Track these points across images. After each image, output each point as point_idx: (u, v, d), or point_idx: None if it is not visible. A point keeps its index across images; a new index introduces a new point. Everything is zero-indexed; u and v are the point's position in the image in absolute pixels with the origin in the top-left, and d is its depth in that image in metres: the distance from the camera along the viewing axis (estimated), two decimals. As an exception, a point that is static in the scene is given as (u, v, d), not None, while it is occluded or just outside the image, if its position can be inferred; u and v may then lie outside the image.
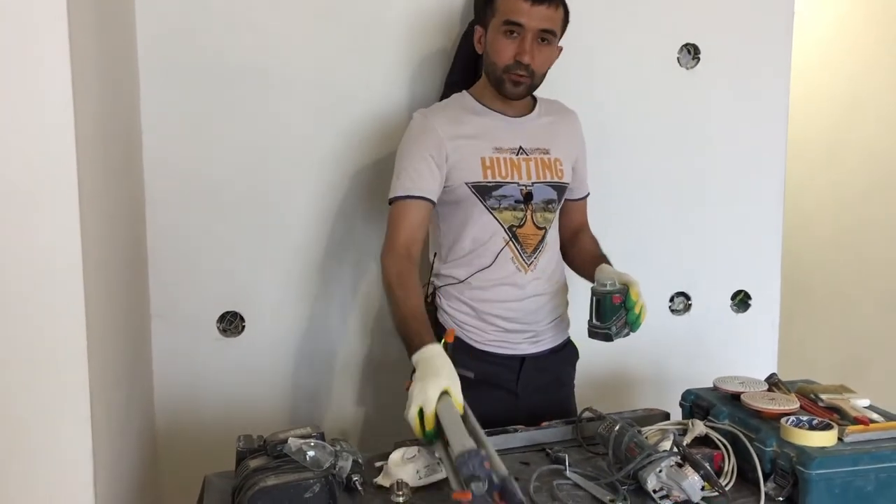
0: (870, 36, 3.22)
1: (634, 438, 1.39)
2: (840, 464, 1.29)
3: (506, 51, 1.69)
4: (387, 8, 2.03)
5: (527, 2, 1.65)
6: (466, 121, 1.76)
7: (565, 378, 1.92)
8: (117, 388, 1.53)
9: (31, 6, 1.12)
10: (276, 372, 2.07)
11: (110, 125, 1.53)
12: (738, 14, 2.27)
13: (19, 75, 1.12)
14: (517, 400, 1.80)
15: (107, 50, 1.51)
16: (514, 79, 1.70)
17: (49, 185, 1.16)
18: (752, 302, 2.39)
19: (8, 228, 1.15)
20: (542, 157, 1.78)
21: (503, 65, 1.70)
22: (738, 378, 1.60)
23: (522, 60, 1.68)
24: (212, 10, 1.91)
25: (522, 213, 1.75)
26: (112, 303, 1.49)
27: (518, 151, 1.76)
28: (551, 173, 1.78)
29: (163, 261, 1.95)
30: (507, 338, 1.80)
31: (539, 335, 1.83)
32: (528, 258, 1.77)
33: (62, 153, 1.15)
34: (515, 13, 1.66)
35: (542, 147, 1.79)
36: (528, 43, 1.67)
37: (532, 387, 1.82)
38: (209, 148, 1.96)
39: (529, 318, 1.80)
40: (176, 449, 2.00)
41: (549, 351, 1.85)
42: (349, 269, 2.10)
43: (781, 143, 2.35)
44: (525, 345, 1.81)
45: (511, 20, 1.67)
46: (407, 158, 1.72)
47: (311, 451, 1.28)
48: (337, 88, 2.02)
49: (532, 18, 1.66)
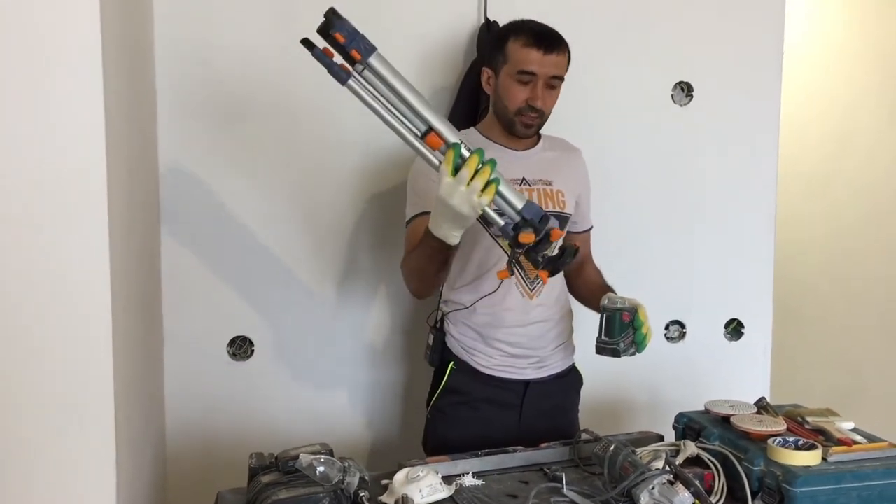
0: (861, 69, 3.33)
1: (628, 458, 1.46)
2: (824, 482, 1.36)
3: (518, 96, 1.79)
4: (393, 45, 2.12)
5: (539, 51, 1.76)
6: None
7: (569, 404, 1.98)
8: (137, 409, 1.60)
9: (67, 50, 1.21)
10: (285, 395, 2.14)
11: (134, 160, 1.62)
12: (730, 54, 2.38)
13: (57, 113, 1.21)
14: (520, 423, 1.87)
15: (131, 85, 1.60)
16: (525, 122, 1.81)
17: (82, 219, 1.24)
18: (745, 330, 2.46)
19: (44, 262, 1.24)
20: (544, 187, 1.87)
21: (515, 108, 1.80)
22: (729, 402, 1.67)
23: (535, 105, 1.79)
24: (225, 50, 2.01)
25: None
26: (133, 328, 1.56)
27: (521, 182, 1.84)
28: (553, 203, 1.87)
29: (176, 287, 2.03)
30: (512, 363, 1.86)
31: (544, 361, 1.89)
32: (531, 284, 1.85)
33: (94, 190, 1.23)
34: (528, 63, 1.77)
35: (544, 179, 1.88)
36: (539, 89, 1.78)
37: (535, 411, 1.88)
38: (221, 179, 2.05)
39: (534, 344, 1.87)
40: (186, 468, 2.06)
41: (553, 377, 1.91)
42: (355, 296, 2.18)
43: (772, 175, 2.44)
44: (530, 370, 1.88)
45: (525, 70, 1.77)
46: (419, 182, 1.82)
47: (321, 467, 1.34)
48: (345, 122, 2.11)
49: (543, 66, 1.77)
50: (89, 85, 1.22)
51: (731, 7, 2.37)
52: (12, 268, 1.22)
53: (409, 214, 1.83)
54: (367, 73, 1.43)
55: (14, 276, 1.22)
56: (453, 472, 1.56)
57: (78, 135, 1.22)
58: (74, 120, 1.22)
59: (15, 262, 1.22)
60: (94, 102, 1.22)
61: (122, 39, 1.48)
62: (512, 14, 2.08)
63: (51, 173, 1.23)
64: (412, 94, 1.44)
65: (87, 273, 1.24)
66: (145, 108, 1.84)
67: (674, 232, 2.38)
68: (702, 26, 2.35)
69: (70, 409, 1.28)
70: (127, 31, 1.56)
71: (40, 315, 1.24)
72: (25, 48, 1.19)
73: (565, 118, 2.15)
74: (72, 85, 1.22)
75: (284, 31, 2.04)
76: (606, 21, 2.28)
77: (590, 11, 2.26)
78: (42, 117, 1.21)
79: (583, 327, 2.00)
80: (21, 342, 1.24)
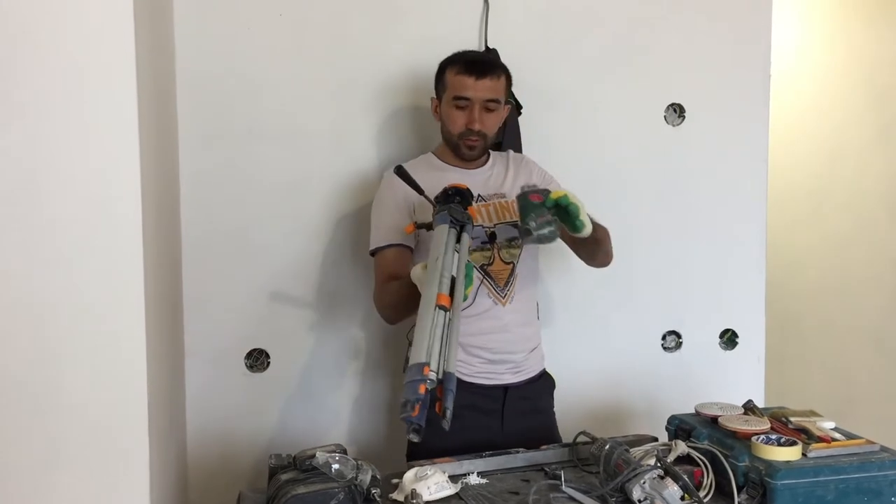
0: (848, 87, 3.43)
1: (622, 455, 1.56)
2: (803, 475, 1.46)
3: (458, 121, 1.96)
4: (397, 71, 2.26)
5: (471, 77, 1.92)
6: (430, 176, 1.96)
7: (543, 405, 2.10)
8: (164, 418, 1.71)
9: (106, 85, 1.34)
10: (299, 404, 2.25)
11: (162, 185, 1.74)
12: (720, 75, 2.50)
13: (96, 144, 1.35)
14: (502, 427, 1.98)
15: (159, 115, 1.73)
16: (468, 144, 1.97)
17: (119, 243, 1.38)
18: (740, 339, 2.56)
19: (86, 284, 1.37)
20: (499, 200, 2.01)
21: (457, 132, 1.97)
22: (718, 404, 1.77)
23: (473, 128, 1.94)
24: (240, 78, 2.15)
25: (490, 252, 1.96)
26: (160, 343, 1.68)
27: (477, 199, 1.98)
28: (510, 214, 2.00)
29: (196, 304, 2.15)
30: (491, 369, 1.97)
31: (520, 365, 2.01)
32: (501, 291, 1.97)
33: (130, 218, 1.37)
34: (462, 89, 1.93)
35: (498, 193, 2.02)
36: (475, 113, 1.94)
37: (515, 414, 1.99)
38: (238, 202, 2.18)
39: (511, 348, 1.98)
40: (206, 472, 2.17)
41: (528, 381, 2.03)
42: (363, 310, 2.28)
43: (762, 192, 2.55)
44: (508, 375, 2.00)
45: (459, 95, 1.93)
46: (379, 213, 1.99)
47: (336, 465, 1.45)
48: (354, 146, 2.25)
49: (477, 91, 1.93)
50: (126, 117, 1.36)
51: (720, 31, 2.49)
52: (61, 293, 1.36)
53: (372, 245, 1.98)
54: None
55: (60, 301, 1.36)
56: (459, 471, 1.67)
57: (114, 162, 1.36)
58: (111, 148, 1.35)
59: (61, 289, 1.35)
60: (130, 136, 1.36)
61: (152, 73, 1.61)
62: (511, 41, 2.22)
63: (88, 203, 1.35)
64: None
65: (124, 294, 1.37)
66: (169, 135, 1.97)
67: (668, 247, 2.49)
68: (692, 49, 2.47)
69: (108, 417, 1.40)
70: (156, 65, 1.69)
71: (80, 332, 1.37)
72: (68, 87, 1.33)
73: (562, 137, 2.29)
74: (109, 116, 1.35)
75: (296, 60, 2.18)
76: (601, 46, 2.40)
77: (585, 37, 2.38)
78: (82, 150, 1.34)
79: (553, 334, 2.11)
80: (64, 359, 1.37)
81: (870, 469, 1.49)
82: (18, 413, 1.35)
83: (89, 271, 1.36)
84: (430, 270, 1.48)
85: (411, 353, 1.31)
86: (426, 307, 1.38)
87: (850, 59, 3.40)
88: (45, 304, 1.35)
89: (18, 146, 1.31)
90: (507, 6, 2.31)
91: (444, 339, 1.35)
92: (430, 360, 1.27)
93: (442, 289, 1.42)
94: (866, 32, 3.32)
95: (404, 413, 1.20)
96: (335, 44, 2.21)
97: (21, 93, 1.31)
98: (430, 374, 1.25)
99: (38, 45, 1.31)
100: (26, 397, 1.36)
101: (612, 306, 2.46)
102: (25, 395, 1.35)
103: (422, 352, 1.29)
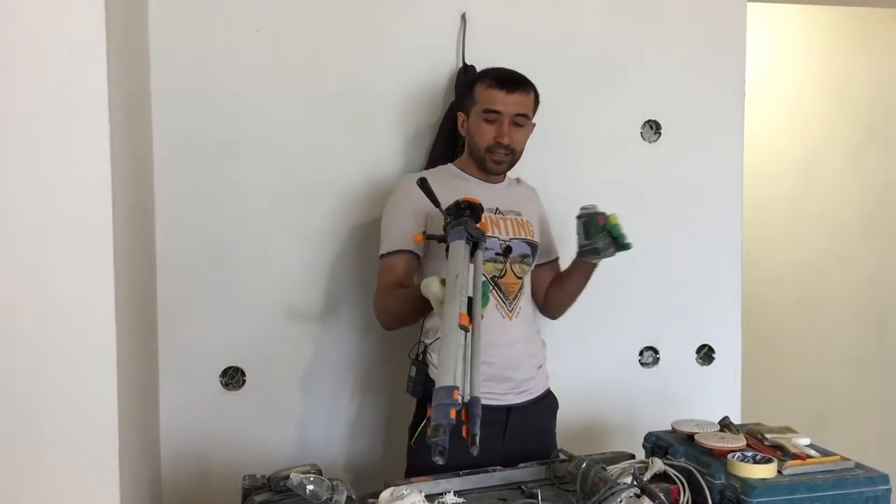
0: (823, 104, 3.48)
1: (599, 474, 1.56)
2: (778, 493, 1.47)
3: (487, 134, 1.95)
4: (379, 88, 2.26)
5: (502, 91, 1.93)
6: (449, 184, 1.97)
7: (547, 427, 2.08)
8: (136, 436, 1.68)
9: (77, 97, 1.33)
10: (275, 423, 2.23)
11: (134, 200, 1.73)
12: (694, 93, 2.52)
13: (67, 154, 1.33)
14: (504, 448, 1.94)
15: (132, 131, 1.72)
16: (496, 159, 1.97)
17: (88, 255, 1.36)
18: (716, 355, 2.57)
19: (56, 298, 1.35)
20: (516, 217, 2.02)
21: (485, 146, 1.96)
22: (694, 420, 1.78)
23: (502, 142, 1.94)
24: (218, 91, 2.14)
25: (503, 265, 1.95)
26: (133, 360, 1.66)
27: (496, 211, 1.99)
28: (525, 232, 2.01)
29: (171, 318, 2.13)
30: (493, 388, 1.93)
31: (523, 385, 1.98)
32: (509, 305, 1.96)
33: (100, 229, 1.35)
34: (493, 102, 1.93)
35: (514, 210, 2.03)
36: (505, 126, 1.94)
37: (518, 435, 1.97)
38: (213, 217, 2.16)
39: (514, 364, 1.96)
40: (181, 492, 2.14)
41: (532, 401, 2.01)
42: (342, 327, 2.27)
43: (738, 208, 2.57)
44: (511, 395, 1.97)
45: (490, 108, 1.93)
46: (393, 217, 1.96)
47: (311, 486, 1.43)
48: (330, 160, 2.24)
49: (507, 105, 1.93)
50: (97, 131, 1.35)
51: (695, 49, 2.51)
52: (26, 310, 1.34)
53: (382, 251, 1.96)
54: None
55: (27, 319, 1.34)
56: (436, 490, 1.65)
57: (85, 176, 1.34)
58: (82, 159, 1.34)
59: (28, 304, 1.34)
60: (101, 148, 1.34)
61: (125, 85, 1.60)
62: (487, 58, 2.22)
63: (56, 217, 1.34)
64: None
65: (93, 311, 1.36)
66: (143, 149, 1.95)
67: (645, 263, 2.49)
68: (668, 67, 2.49)
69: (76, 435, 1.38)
70: (129, 77, 1.68)
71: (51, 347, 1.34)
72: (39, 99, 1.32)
73: (540, 153, 2.29)
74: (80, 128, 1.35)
75: (275, 75, 2.17)
76: (577, 62, 2.42)
77: (561, 54, 2.40)
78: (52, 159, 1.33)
79: (555, 352, 2.13)
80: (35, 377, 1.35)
81: (845, 486, 1.50)
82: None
83: (57, 285, 1.35)
84: (448, 288, 1.46)
85: (438, 375, 1.28)
86: (450, 328, 1.35)
87: (823, 76, 3.45)
88: (12, 323, 1.33)
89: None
90: (484, 23, 2.32)
91: (465, 361, 1.33)
92: (457, 382, 1.25)
93: (462, 308, 1.40)
94: (839, 48, 3.38)
95: (436, 436, 1.18)
96: (311, 58, 2.21)
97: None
98: (458, 398, 1.23)
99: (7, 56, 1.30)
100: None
101: (590, 322, 2.45)
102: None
103: (449, 374, 1.26)
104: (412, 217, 1.93)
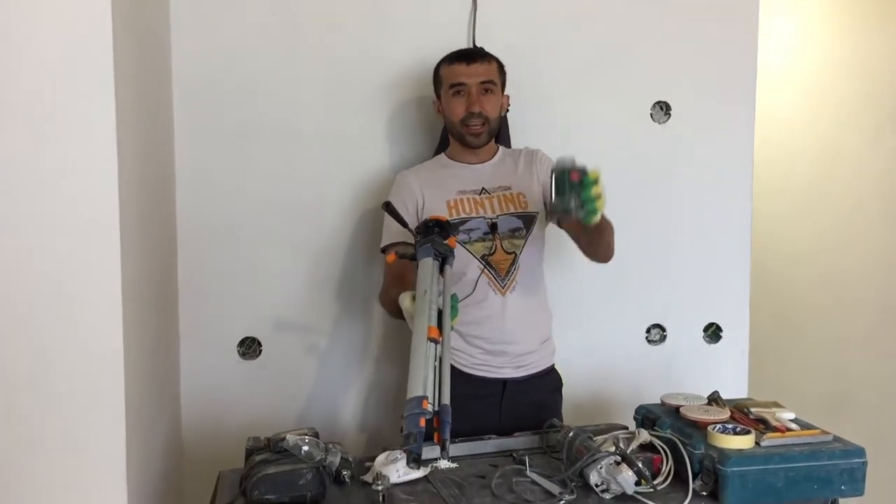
0: (843, 87, 3.43)
1: (584, 442, 1.63)
2: (753, 463, 1.52)
3: (458, 108, 2.05)
4: (391, 74, 2.33)
5: (462, 64, 2.04)
6: (437, 174, 2.10)
7: (549, 402, 2.12)
8: (148, 400, 1.80)
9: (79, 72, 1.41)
10: (289, 391, 2.34)
11: (148, 179, 1.83)
12: (705, 74, 2.53)
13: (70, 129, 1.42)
14: (500, 419, 2.02)
15: (144, 109, 1.82)
16: (472, 131, 2.05)
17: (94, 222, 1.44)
18: (724, 333, 2.60)
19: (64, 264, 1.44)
20: (503, 192, 2.08)
21: (459, 119, 2.04)
22: (683, 394, 1.83)
23: (473, 111, 2.03)
24: (236, 78, 2.23)
25: (491, 243, 2.02)
26: (145, 326, 1.76)
27: (481, 192, 2.07)
28: (514, 205, 2.07)
29: (191, 291, 2.25)
30: (490, 361, 2.02)
31: (522, 359, 2.05)
32: (502, 281, 2.02)
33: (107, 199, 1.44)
34: (456, 76, 2.04)
35: (503, 185, 2.09)
36: (473, 96, 2.02)
37: (515, 408, 2.04)
38: (232, 196, 2.26)
39: (509, 339, 2.02)
40: (201, 455, 2.26)
41: (532, 376, 2.07)
42: (355, 302, 2.37)
43: (747, 187, 2.58)
44: (508, 369, 2.04)
45: (454, 82, 2.03)
46: None
47: (306, 447, 1.53)
48: (345, 143, 2.32)
49: (471, 76, 2.03)
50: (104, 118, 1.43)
51: (707, 29, 2.52)
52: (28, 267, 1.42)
53: (382, 244, 2.07)
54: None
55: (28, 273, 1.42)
56: (431, 455, 1.73)
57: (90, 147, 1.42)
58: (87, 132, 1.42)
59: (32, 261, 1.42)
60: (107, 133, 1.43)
61: (136, 72, 1.69)
62: (499, 40, 2.28)
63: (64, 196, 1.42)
64: None
65: (98, 272, 1.44)
66: (161, 128, 2.05)
67: (654, 241, 2.53)
68: (679, 47, 2.50)
69: (82, 396, 1.47)
70: (142, 65, 1.78)
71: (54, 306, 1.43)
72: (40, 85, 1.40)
73: (549, 135, 2.34)
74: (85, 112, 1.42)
75: (290, 58, 2.26)
76: (588, 44, 2.45)
77: (572, 35, 2.43)
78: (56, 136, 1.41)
79: (563, 329, 2.19)
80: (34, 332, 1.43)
81: (820, 458, 1.54)
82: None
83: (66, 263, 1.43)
84: (418, 303, 1.54)
85: (408, 385, 1.37)
86: (419, 341, 1.45)
87: (844, 56, 3.41)
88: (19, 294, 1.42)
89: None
90: (496, 5, 2.37)
91: (436, 371, 1.42)
92: (426, 392, 1.34)
93: (431, 321, 1.49)
94: (861, 28, 3.33)
95: (407, 445, 1.27)
96: (326, 40, 2.29)
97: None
98: (427, 407, 1.32)
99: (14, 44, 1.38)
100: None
101: (598, 300, 2.51)
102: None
103: (419, 385, 1.35)
104: (406, 210, 2.02)
